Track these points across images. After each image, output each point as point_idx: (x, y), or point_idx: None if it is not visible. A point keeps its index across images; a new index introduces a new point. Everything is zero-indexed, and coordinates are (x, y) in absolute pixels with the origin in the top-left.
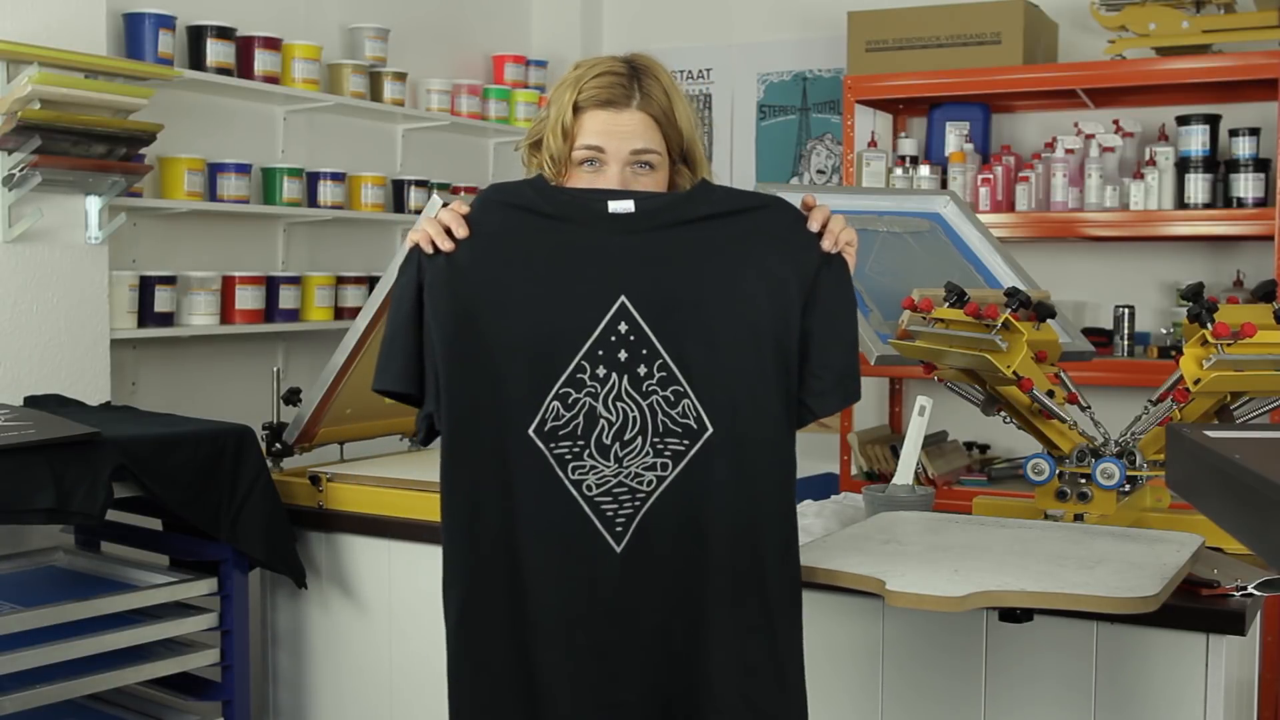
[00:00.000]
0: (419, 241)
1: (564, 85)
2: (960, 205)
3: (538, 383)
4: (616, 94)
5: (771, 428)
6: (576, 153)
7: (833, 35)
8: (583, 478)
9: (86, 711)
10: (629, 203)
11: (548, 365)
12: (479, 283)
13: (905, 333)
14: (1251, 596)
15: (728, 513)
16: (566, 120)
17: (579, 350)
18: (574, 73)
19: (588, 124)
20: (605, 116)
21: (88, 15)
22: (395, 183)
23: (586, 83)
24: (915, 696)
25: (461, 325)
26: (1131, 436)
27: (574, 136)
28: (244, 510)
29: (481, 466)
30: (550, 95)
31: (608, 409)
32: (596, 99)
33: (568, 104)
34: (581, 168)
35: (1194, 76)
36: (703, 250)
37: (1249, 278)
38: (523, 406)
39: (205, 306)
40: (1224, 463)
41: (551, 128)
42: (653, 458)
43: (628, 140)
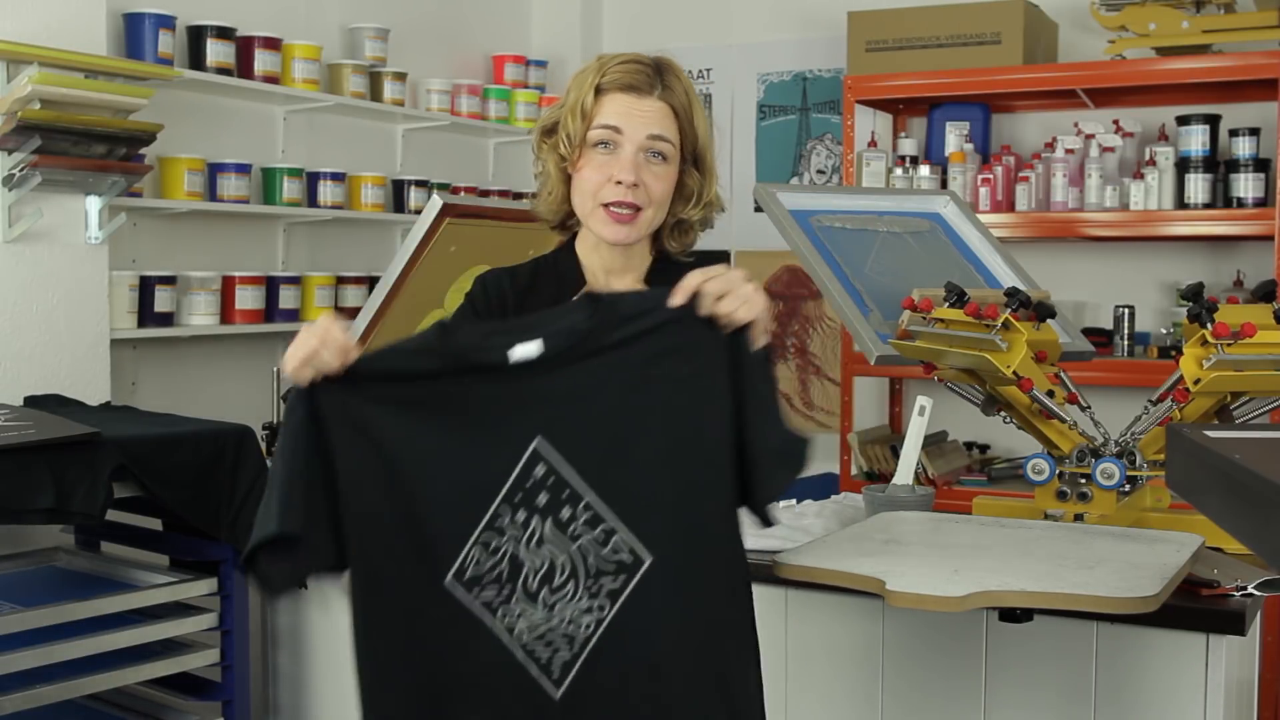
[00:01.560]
0: (299, 365)
1: (586, 71)
2: (960, 205)
3: (456, 531)
4: (640, 80)
5: (713, 537)
6: (593, 133)
7: (833, 35)
8: (513, 623)
9: (86, 711)
10: (534, 345)
11: (465, 513)
12: (385, 428)
13: (905, 333)
14: (1251, 596)
15: (679, 638)
16: (587, 102)
17: (495, 497)
18: (596, 62)
19: (607, 105)
20: (626, 99)
21: (88, 15)
22: (395, 183)
23: (611, 67)
24: (915, 696)
25: (369, 474)
26: (1131, 436)
27: (592, 117)
28: (244, 510)
29: (400, 620)
30: (570, 83)
31: (531, 555)
32: (619, 82)
33: (590, 86)
34: (595, 150)
35: (1194, 76)
36: (617, 377)
37: (1249, 278)
38: (441, 556)
39: (205, 306)
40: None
41: (570, 108)
42: (587, 600)
43: (645, 125)
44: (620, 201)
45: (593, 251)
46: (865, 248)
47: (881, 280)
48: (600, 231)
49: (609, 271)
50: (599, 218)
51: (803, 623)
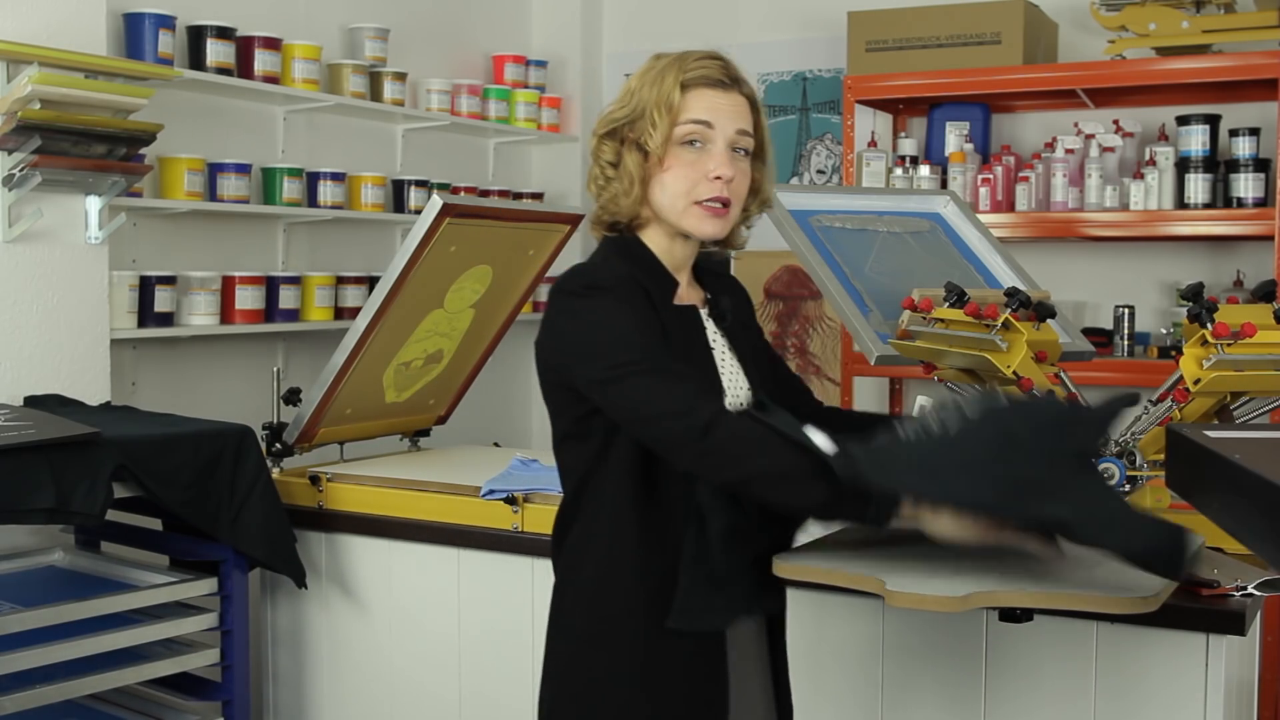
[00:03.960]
0: None
1: (659, 70)
2: (960, 205)
3: None
4: (723, 75)
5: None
6: (681, 129)
7: (833, 35)
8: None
9: (86, 711)
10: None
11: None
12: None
13: (905, 333)
14: (1251, 596)
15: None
16: (674, 98)
17: None
18: (664, 60)
19: (695, 101)
20: (713, 94)
21: (88, 15)
22: (395, 183)
23: (692, 64)
24: (915, 696)
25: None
26: (1131, 436)
27: (679, 113)
28: (244, 510)
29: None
30: (636, 83)
31: None
32: (706, 78)
33: (673, 84)
34: (685, 147)
35: (1194, 76)
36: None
37: (1249, 278)
38: None
39: (205, 306)
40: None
41: (654, 106)
42: None
43: (734, 119)
44: (716, 197)
45: (666, 250)
46: (865, 248)
47: (881, 280)
48: (697, 227)
49: (677, 269)
50: (694, 214)
51: (802, 623)
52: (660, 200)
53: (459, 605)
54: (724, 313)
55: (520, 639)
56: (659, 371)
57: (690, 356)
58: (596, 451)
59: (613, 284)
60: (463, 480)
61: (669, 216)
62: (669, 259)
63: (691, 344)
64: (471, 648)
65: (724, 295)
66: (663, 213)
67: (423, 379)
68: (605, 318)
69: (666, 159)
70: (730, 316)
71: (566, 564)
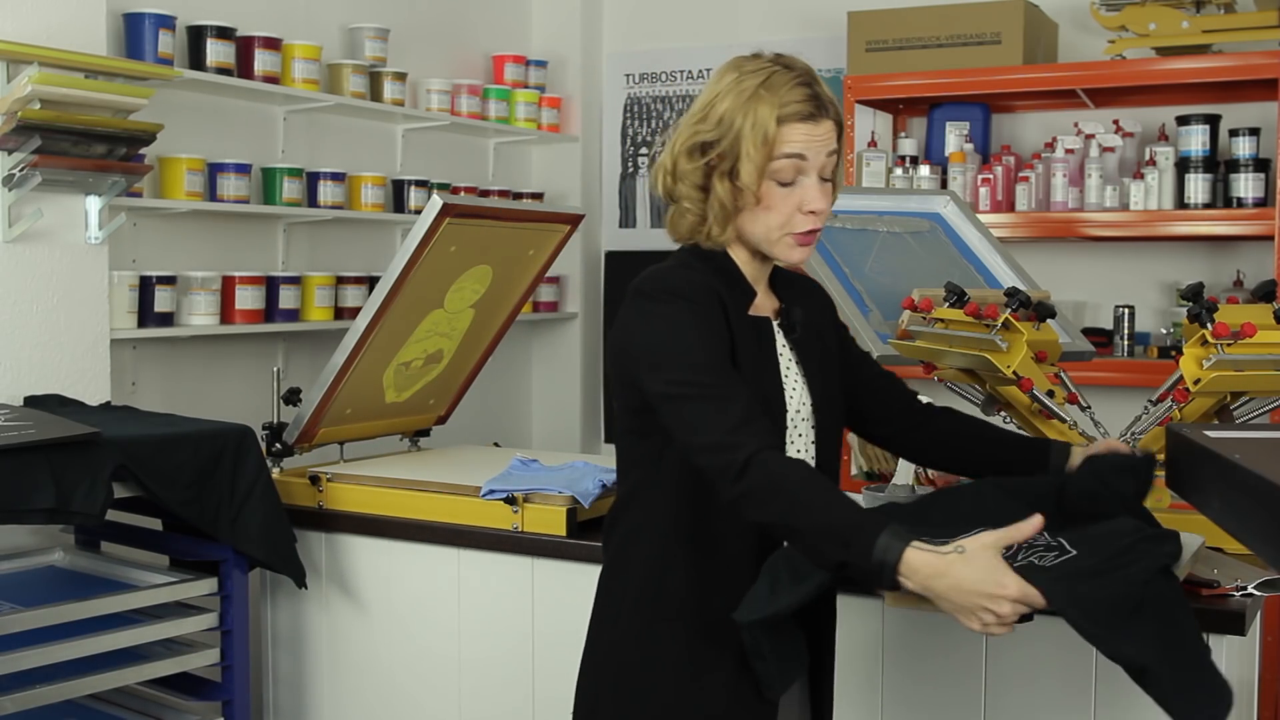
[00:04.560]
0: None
1: (751, 95)
2: (960, 205)
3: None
4: (814, 107)
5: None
6: (777, 164)
7: (833, 35)
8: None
9: (86, 711)
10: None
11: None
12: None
13: (905, 333)
14: (1251, 596)
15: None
16: (769, 132)
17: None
18: (749, 81)
19: (790, 136)
20: (806, 128)
21: (88, 15)
22: (395, 183)
23: (786, 94)
24: (915, 696)
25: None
26: (1131, 436)
27: (775, 147)
28: (244, 510)
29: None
30: (726, 106)
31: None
32: (800, 113)
33: (768, 117)
34: (773, 182)
35: (1194, 76)
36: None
37: (1249, 278)
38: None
39: (205, 306)
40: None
41: (750, 140)
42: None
43: (824, 148)
44: (811, 229)
45: (747, 263)
46: (865, 248)
47: (881, 280)
48: (786, 255)
49: (756, 280)
50: (786, 243)
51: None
52: (753, 231)
53: (459, 605)
54: (794, 324)
55: (520, 639)
56: (714, 398)
57: (758, 368)
58: (655, 449)
59: (688, 291)
60: (463, 480)
61: (759, 244)
62: (749, 270)
63: (761, 356)
64: (471, 648)
65: (796, 305)
66: (752, 240)
67: (423, 379)
68: (674, 326)
69: (762, 194)
70: (800, 328)
71: (615, 556)
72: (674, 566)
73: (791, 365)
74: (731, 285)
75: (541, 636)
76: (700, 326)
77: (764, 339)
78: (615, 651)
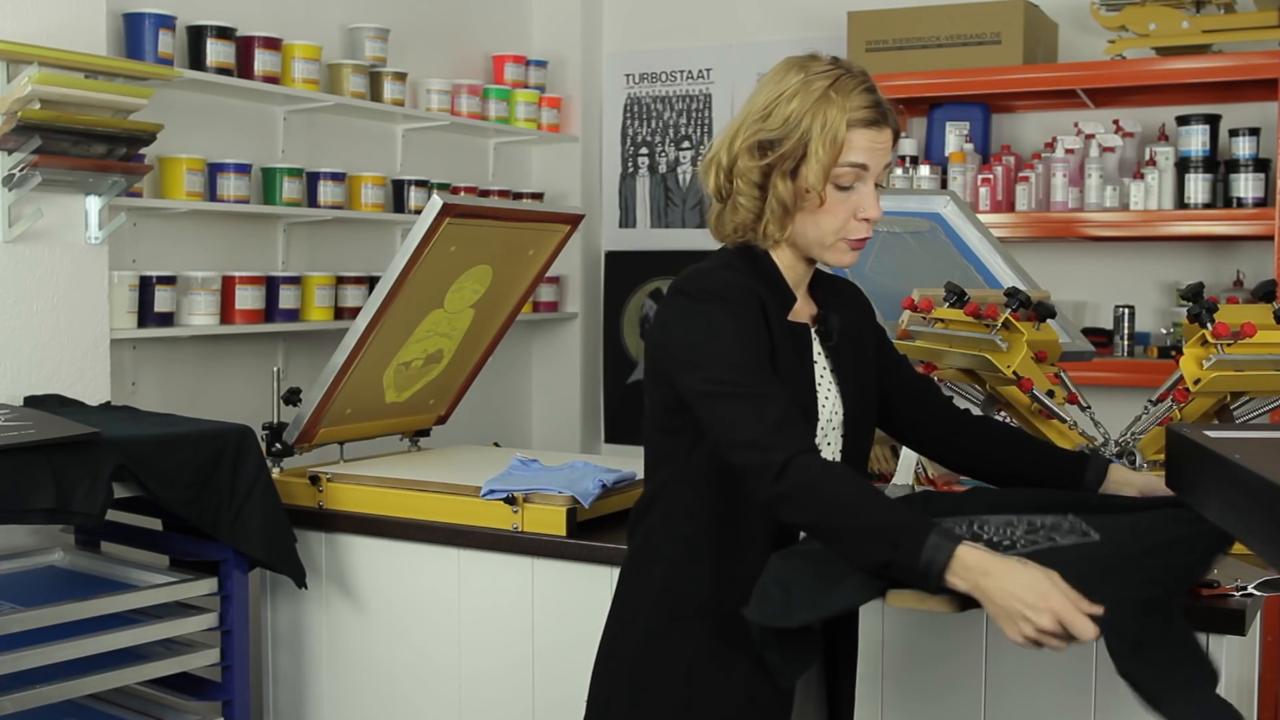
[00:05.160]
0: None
1: (819, 96)
2: (960, 205)
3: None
4: (877, 114)
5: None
6: (841, 170)
7: (833, 35)
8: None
9: (86, 711)
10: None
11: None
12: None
13: (905, 333)
14: (1251, 596)
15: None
16: (839, 135)
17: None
18: (821, 82)
19: (857, 141)
20: (871, 135)
21: (88, 15)
22: (395, 183)
23: (854, 99)
24: (915, 696)
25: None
26: (1131, 436)
27: (841, 152)
28: (244, 510)
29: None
30: (794, 108)
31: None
32: (866, 119)
33: (838, 120)
34: (838, 184)
35: (1194, 76)
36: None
37: (1249, 278)
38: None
39: (205, 306)
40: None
41: (819, 139)
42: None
43: (883, 158)
44: (865, 236)
45: (790, 267)
46: (865, 248)
47: (881, 280)
48: (838, 260)
49: (797, 285)
50: (839, 248)
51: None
52: (808, 233)
53: (459, 605)
54: (831, 331)
55: (520, 639)
56: (752, 397)
57: (794, 375)
58: (685, 447)
59: (730, 293)
60: (463, 480)
61: (811, 248)
62: (791, 275)
63: (797, 363)
64: (471, 648)
65: (834, 311)
66: (805, 243)
67: (423, 379)
68: (714, 326)
69: (823, 193)
70: (837, 335)
71: (638, 552)
72: (696, 564)
73: (826, 374)
74: (773, 289)
75: (541, 636)
76: (740, 328)
77: (801, 345)
78: (632, 648)
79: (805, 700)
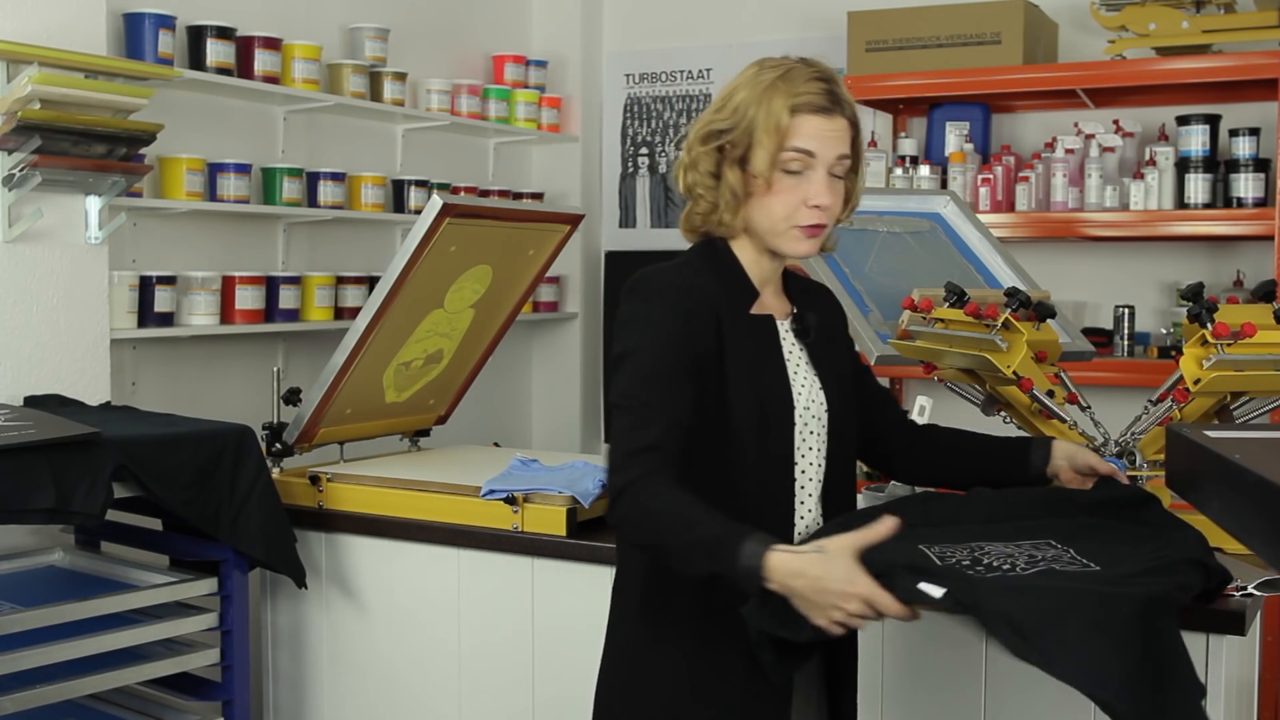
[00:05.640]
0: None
1: (767, 86)
2: (960, 205)
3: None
4: (829, 101)
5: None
6: (786, 155)
7: (833, 35)
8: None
9: (86, 711)
10: (938, 590)
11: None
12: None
13: (905, 333)
14: (1251, 596)
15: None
16: (783, 122)
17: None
18: (768, 74)
19: (801, 128)
20: (819, 121)
21: (88, 15)
22: (395, 183)
23: (802, 86)
24: (915, 696)
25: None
26: (1131, 436)
27: (786, 138)
28: (244, 510)
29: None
30: (742, 97)
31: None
32: (814, 104)
33: (782, 107)
34: (785, 173)
35: (1194, 76)
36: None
37: (1249, 278)
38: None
39: (205, 306)
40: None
41: (763, 128)
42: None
43: (835, 146)
44: (815, 223)
45: (754, 262)
46: (865, 248)
47: (881, 280)
48: (791, 248)
49: (764, 281)
50: (791, 236)
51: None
52: (759, 221)
53: (459, 605)
54: (808, 328)
55: (520, 639)
56: (636, 416)
57: (758, 366)
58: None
59: (671, 292)
60: (463, 480)
61: (765, 236)
62: (755, 270)
63: (761, 354)
64: (471, 648)
65: (811, 311)
66: (759, 231)
67: (423, 379)
68: (644, 331)
69: (769, 179)
70: (814, 332)
71: (622, 559)
72: (676, 579)
73: (803, 366)
74: (734, 284)
75: (541, 636)
76: (671, 331)
77: (765, 337)
78: (624, 656)
79: (806, 709)
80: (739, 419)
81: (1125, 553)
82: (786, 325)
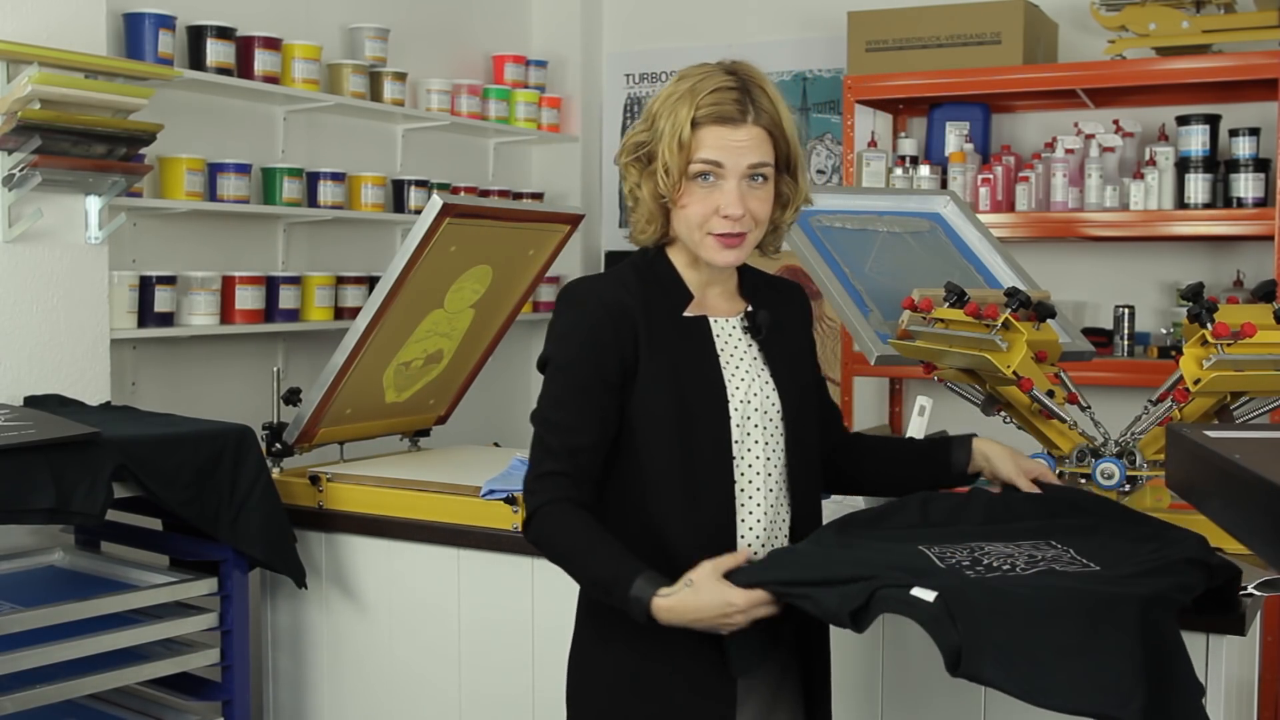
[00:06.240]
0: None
1: (676, 98)
2: (960, 205)
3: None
4: (732, 110)
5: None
6: (694, 166)
7: (833, 35)
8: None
9: (86, 711)
10: (930, 594)
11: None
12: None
13: (905, 333)
14: (1251, 596)
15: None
16: (685, 134)
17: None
18: (683, 85)
19: (705, 139)
20: (722, 132)
21: (88, 15)
22: (395, 183)
23: (703, 98)
24: (915, 697)
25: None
26: (1131, 436)
27: (691, 151)
28: (244, 510)
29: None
30: (657, 107)
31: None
32: (714, 115)
33: (685, 119)
34: (696, 182)
35: (1194, 76)
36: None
37: (1249, 278)
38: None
39: (205, 306)
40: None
41: (667, 143)
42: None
43: (744, 155)
44: (728, 232)
45: (690, 267)
46: (865, 248)
47: (881, 280)
48: (711, 258)
49: (705, 285)
50: (708, 244)
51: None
52: (679, 229)
53: (459, 605)
54: (760, 326)
55: (520, 639)
56: (545, 438)
57: (689, 368)
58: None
59: (590, 302)
60: (463, 480)
61: (687, 245)
62: (691, 275)
63: (693, 356)
64: (471, 648)
65: (765, 309)
66: (682, 239)
67: (423, 379)
68: (566, 344)
69: (681, 195)
70: (766, 330)
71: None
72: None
73: (749, 362)
74: (665, 289)
75: (541, 636)
76: (586, 341)
77: (697, 338)
78: (576, 652)
79: (780, 709)
80: (661, 416)
81: (1125, 552)
82: (734, 324)
